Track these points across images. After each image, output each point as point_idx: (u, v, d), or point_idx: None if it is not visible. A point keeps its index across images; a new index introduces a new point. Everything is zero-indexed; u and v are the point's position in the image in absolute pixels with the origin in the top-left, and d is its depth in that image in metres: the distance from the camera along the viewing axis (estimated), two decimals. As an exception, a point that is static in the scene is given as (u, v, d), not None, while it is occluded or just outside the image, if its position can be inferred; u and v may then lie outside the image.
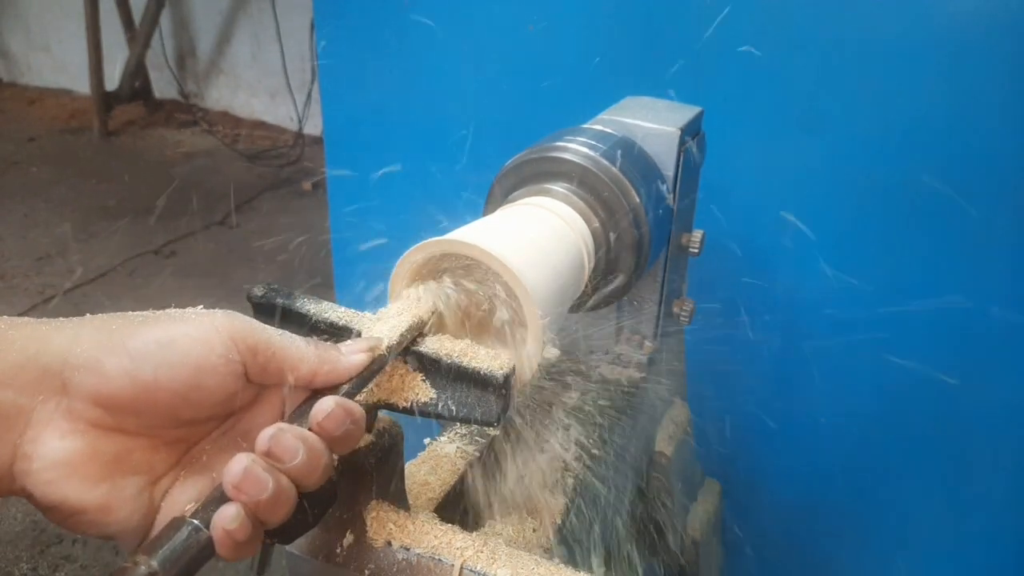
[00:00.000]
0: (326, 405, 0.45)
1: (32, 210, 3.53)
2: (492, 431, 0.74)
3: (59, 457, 0.41)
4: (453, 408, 0.54)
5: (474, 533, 0.56)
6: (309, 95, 4.07)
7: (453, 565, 0.53)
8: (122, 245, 3.27)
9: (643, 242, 0.70)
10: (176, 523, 0.40)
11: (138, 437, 0.44)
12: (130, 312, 0.45)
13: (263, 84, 4.37)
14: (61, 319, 0.43)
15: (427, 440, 0.72)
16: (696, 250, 0.85)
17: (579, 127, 0.75)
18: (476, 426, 0.74)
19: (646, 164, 0.75)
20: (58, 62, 4.85)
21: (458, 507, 0.69)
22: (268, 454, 0.42)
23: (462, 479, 0.69)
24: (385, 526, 0.55)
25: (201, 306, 0.46)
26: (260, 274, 2.95)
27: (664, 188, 0.77)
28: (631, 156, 0.73)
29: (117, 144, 4.28)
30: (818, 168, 1.08)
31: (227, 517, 0.40)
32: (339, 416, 0.45)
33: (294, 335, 0.48)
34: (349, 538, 0.55)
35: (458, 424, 0.74)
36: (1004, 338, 1.09)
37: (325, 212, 1.51)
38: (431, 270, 0.58)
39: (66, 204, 3.59)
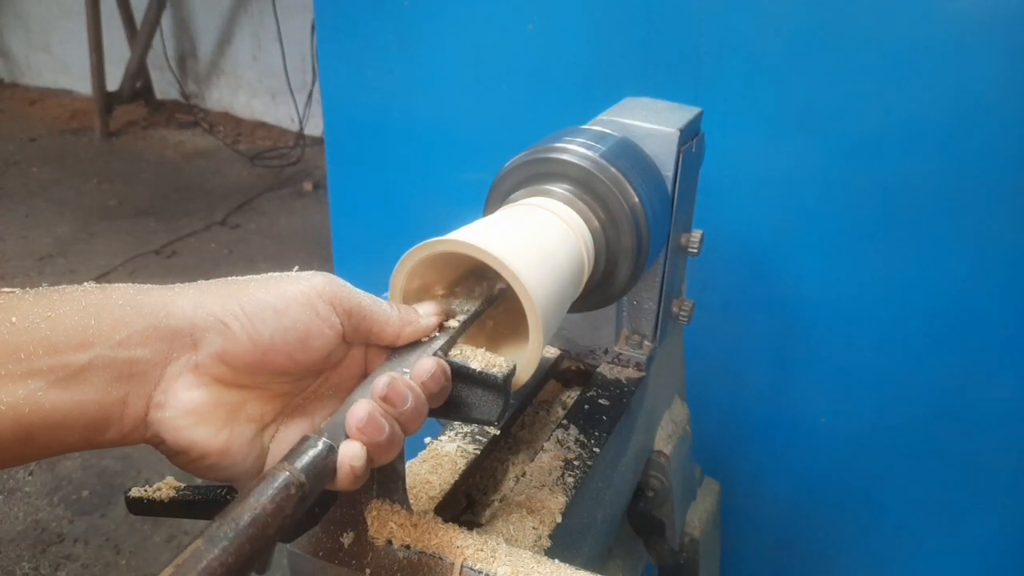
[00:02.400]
0: (428, 365, 0.50)
1: (33, 210, 3.53)
2: (492, 430, 0.74)
3: (189, 407, 0.46)
4: (453, 408, 0.54)
5: (474, 532, 0.56)
6: (310, 95, 4.07)
7: (453, 564, 0.54)
8: (122, 245, 3.27)
9: (642, 242, 0.70)
10: (311, 440, 0.45)
11: (252, 390, 0.49)
12: (241, 277, 0.50)
13: (264, 84, 4.38)
14: (181, 285, 0.48)
15: (427, 439, 0.73)
16: (696, 250, 0.85)
17: (579, 127, 0.75)
18: (476, 426, 0.74)
19: (646, 164, 0.75)
20: (59, 62, 4.85)
21: (458, 506, 0.70)
22: (385, 399, 0.47)
23: (462, 478, 0.69)
24: (386, 525, 0.55)
25: (296, 268, 0.51)
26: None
27: (664, 188, 0.77)
28: (631, 156, 0.73)
29: (118, 144, 4.29)
30: (818, 168, 1.08)
31: (353, 454, 0.46)
32: (439, 375, 0.50)
33: (379, 299, 0.53)
34: (350, 537, 0.56)
35: (458, 423, 0.74)
36: (1004, 338, 1.09)
37: (325, 212, 1.52)
38: (465, 269, 0.59)
39: (66, 204, 3.59)
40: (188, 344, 0.46)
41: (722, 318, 1.22)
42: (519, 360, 0.55)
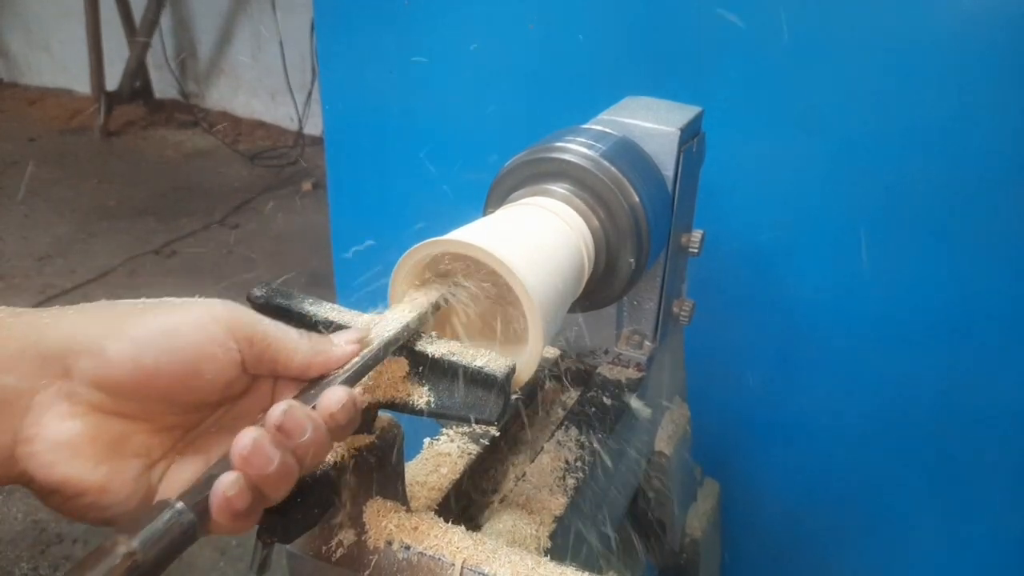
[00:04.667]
0: (338, 395, 0.46)
1: (32, 210, 3.53)
2: (492, 431, 0.74)
3: (61, 439, 0.42)
4: (453, 408, 0.54)
5: (474, 533, 0.56)
6: (309, 95, 4.07)
7: (453, 564, 0.54)
8: (122, 245, 3.27)
9: (643, 242, 0.70)
10: (160, 505, 0.41)
11: (137, 421, 0.45)
12: (129, 300, 0.46)
13: (263, 84, 4.37)
14: (60, 307, 0.44)
15: (427, 439, 0.73)
16: (696, 250, 0.85)
17: (579, 127, 0.75)
18: (476, 425, 0.74)
19: (646, 164, 0.75)
20: (58, 62, 4.85)
21: (458, 506, 0.70)
22: (280, 428, 0.43)
23: (462, 478, 0.69)
24: (385, 525, 0.55)
25: (197, 296, 0.47)
26: (260, 274, 2.95)
27: (664, 188, 0.77)
28: (631, 156, 0.73)
29: (117, 144, 4.28)
30: (818, 168, 1.08)
31: (227, 483, 0.41)
32: (349, 406, 0.46)
33: (288, 327, 0.49)
34: (349, 537, 0.55)
35: (458, 423, 0.74)
36: (1005, 338, 1.09)
37: (325, 212, 1.51)
38: (434, 271, 0.58)
39: (66, 204, 3.59)
40: (59, 371, 0.42)
41: (722, 318, 1.22)
42: (519, 360, 0.55)
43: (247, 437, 0.42)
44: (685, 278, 0.90)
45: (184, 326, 0.44)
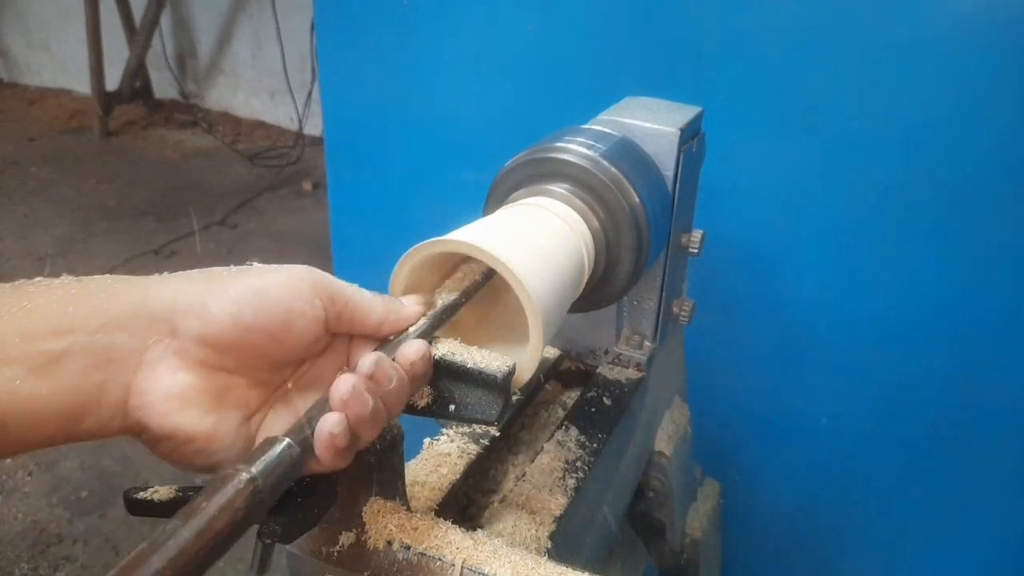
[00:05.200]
0: (417, 346, 0.51)
1: (32, 210, 3.53)
2: (492, 431, 0.74)
3: (173, 391, 0.46)
4: (453, 408, 0.54)
5: (474, 533, 0.56)
6: (309, 95, 4.07)
7: (453, 564, 0.53)
8: (122, 245, 3.27)
9: (643, 242, 0.70)
10: (270, 441, 0.45)
11: (236, 375, 0.49)
12: (221, 267, 0.50)
13: (263, 84, 4.37)
14: (163, 275, 0.48)
15: (427, 440, 0.73)
16: (696, 250, 0.85)
17: (579, 127, 0.75)
18: (476, 425, 0.74)
19: (646, 164, 0.75)
20: (58, 62, 4.85)
21: (458, 506, 0.70)
22: (371, 377, 0.47)
23: (462, 478, 0.69)
24: (385, 525, 0.55)
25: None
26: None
27: (664, 188, 0.77)
28: (631, 156, 0.73)
29: (117, 144, 4.28)
30: (818, 168, 1.08)
31: (332, 422, 0.45)
32: (428, 357, 0.51)
33: (364, 289, 0.53)
34: (349, 537, 0.55)
35: (458, 423, 0.74)
36: (1005, 338, 1.09)
37: (325, 212, 1.51)
38: (435, 271, 0.58)
39: (66, 204, 3.59)
40: (167, 329, 0.46)
41: (722, 318, 1.22)
42: (519, 360, 0.55)
43: (347, 383, 0.46)
44: (685, 278, 0.90)
45: (275, 286, 0.48)
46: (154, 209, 3.60)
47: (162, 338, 0.46)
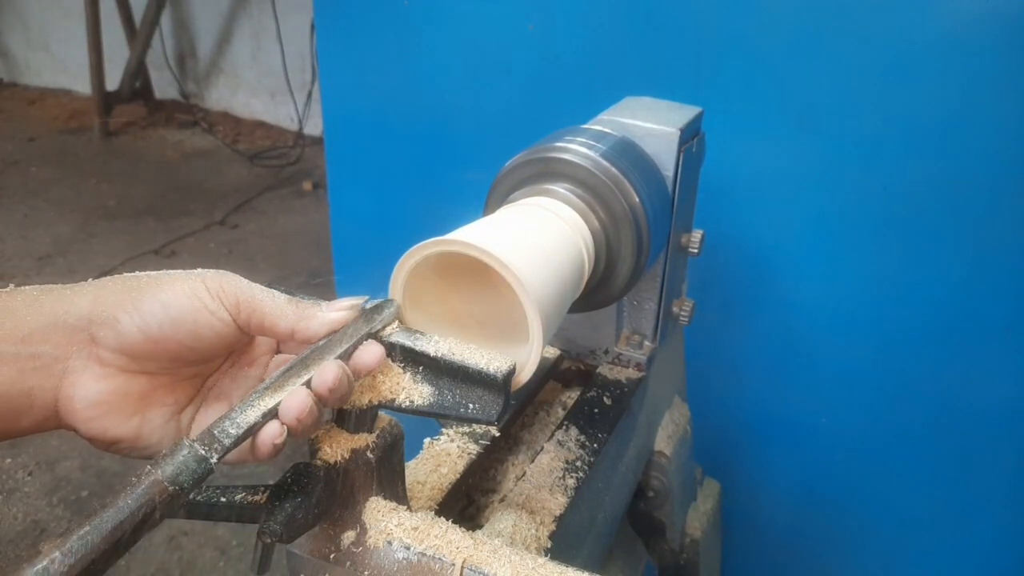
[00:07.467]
0: (331, 373, 0.50)
1: (32, 210, 3.53)
2: (492, 430, 0.74)
3: (94, 399, 0.49)
4: (453, 407, 0.54)
5: (474, 533, 0.56)
6: (309, 95, 4.07)
7: (453, 564, 0.53)
8: (122, 245, 3.27)
9: (643, 242, 0.70)
10: (178, 443, 0.46)
11: (159, 376, 0.52)
12: (138, 273, 0.52)
13: (263, 84, 4.37)
14: (82, 283, 0.51)
15: (427, 440, 0.73)
16: (696, 250, 0.85)
17: (579, 127, 0.75)
18: (476, 425, 0.74)
19: (646, 164, 0.75)
20: (58, 62, 4.84)
21: (458, 506, 0.70)
22: (330, 391, 0.49)
23: (462, 478, 0.69)
24: (385, 525, 0.55)
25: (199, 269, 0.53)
26: (260, 274, 2.95)
27: (664, 188, 0.77)
28: (631, 156, 0.73)
29: (117, 144, 4.28)
30: (818, 168, 1.08)
31: (274, 432, 0.48)
32: (344, 383, 0.51)
33: (279, 293, 0.53)
34: (349, 537, 0.55)
35: (458, 423, 0.74)
36: (1004, 338, 1.09)
37: (325, 212, 1.51)
38: (435, 271, 0.58)
39: (66, 204, 3.59)
40: (86, 339, 0.48)
41: (722, 318, 1.22)
42: (519, 360, 0.55)
43: (300, 402, 0.48)
44: (685, 278, 0.90)
45: (180, 297, 0.50)
46: (154, 209, 3.60)
47: (82, 347, 0.48)
